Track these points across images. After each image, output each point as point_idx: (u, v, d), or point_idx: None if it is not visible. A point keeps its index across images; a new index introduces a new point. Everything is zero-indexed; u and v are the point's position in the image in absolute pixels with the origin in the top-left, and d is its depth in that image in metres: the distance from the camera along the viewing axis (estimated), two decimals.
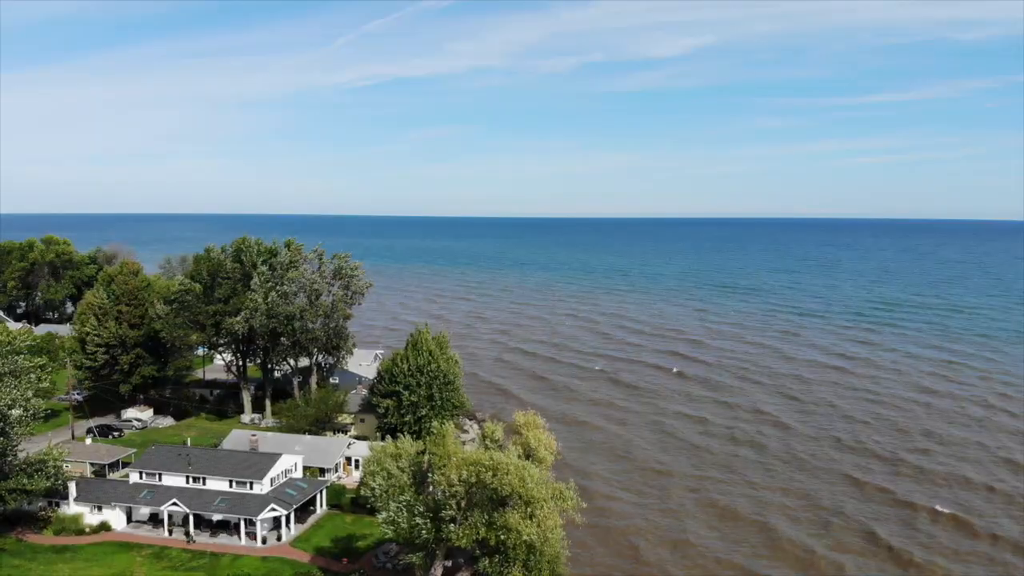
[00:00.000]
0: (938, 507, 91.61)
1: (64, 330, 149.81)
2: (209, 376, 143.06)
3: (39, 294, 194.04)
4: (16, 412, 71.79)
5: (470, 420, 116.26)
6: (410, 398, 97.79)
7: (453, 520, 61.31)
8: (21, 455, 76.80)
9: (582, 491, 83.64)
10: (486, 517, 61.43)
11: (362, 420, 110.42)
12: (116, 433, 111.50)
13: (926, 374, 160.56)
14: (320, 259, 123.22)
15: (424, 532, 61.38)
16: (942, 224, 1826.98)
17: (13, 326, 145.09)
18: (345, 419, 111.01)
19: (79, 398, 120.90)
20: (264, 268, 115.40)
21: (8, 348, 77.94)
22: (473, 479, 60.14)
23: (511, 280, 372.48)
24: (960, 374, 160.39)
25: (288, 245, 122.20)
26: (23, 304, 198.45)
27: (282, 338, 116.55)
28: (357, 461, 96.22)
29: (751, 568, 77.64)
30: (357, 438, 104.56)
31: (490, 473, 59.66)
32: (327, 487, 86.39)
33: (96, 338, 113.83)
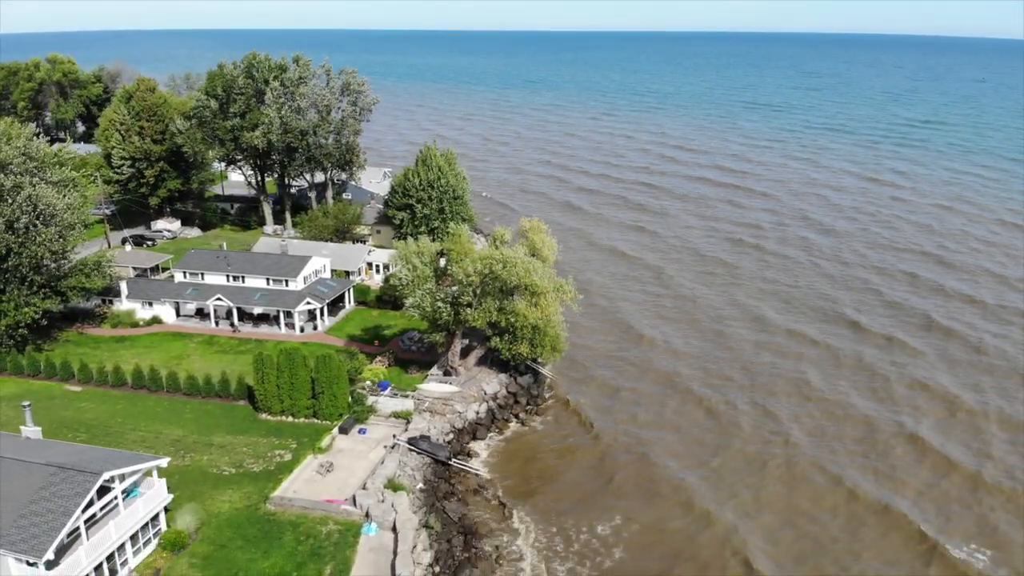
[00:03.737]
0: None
1: (78, 148, 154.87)
2: (227, 192, 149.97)
3: (49, 114, 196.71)
4: (71, 217, 79.21)
5: (476, 234, 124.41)
6: (423, 211, 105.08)
7: (469, 305, 70.62)
8: (76, 258, 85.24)
9: (582, 285, 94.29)
10: (497, 304, 70.82)
11: (378, 231, 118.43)
12: (149, 243, 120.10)
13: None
14: (328, 75, 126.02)
15: (444, 315, 70.97)
16: (960, 41, 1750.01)
17: None
18: (362, 230, 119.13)
19: (108, 212, 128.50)
20: (276, 84, 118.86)
21: (55, 159, 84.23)
22: (486, 271, 68.77)
23: (520, 99, 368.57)
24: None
25: (297, 61, 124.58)
26: (34, 125, 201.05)
27: (297, 153, 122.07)
28: (378, 266, 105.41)
29: (743, 337, 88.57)
30: (375, 247, 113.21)
31: (500, 265, 68.21)
32: (354, 286, 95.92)
33: (121, 152, 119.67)
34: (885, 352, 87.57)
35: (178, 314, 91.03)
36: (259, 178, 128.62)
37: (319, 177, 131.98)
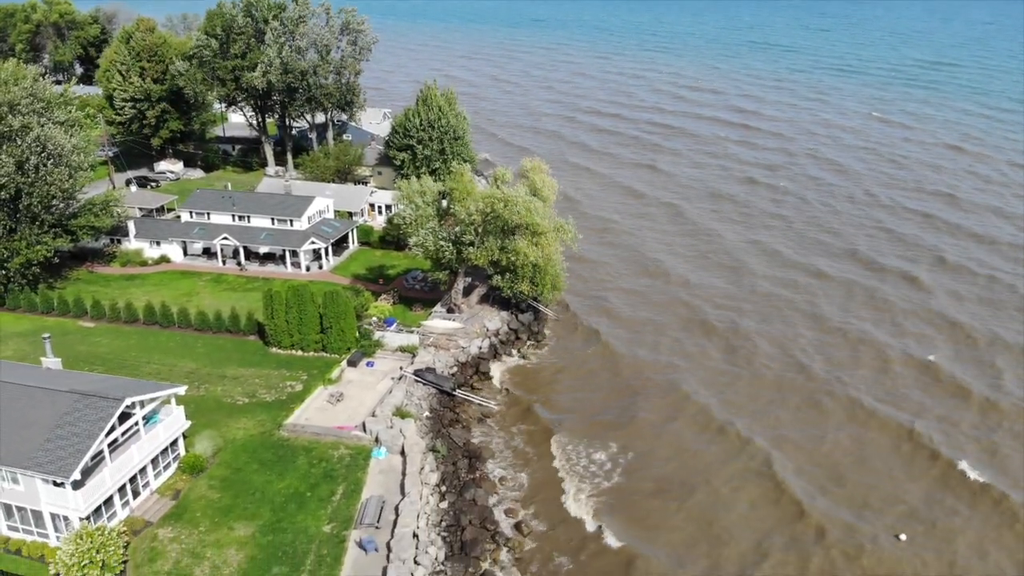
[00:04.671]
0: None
1: (78, 90, 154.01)
2: (228, 134, 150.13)
3: (47, 56, 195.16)
4: (78, 158, 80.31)
5: (477, 176, 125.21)
6: (423, 152, 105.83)
7: (471, 244, 72.26)
8: (84, 198, 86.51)
9: (597, 223, 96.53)
10: (499, 243, 72.41)
11: (379, 173, 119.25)
12: (153, 184, 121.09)
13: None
14: (328, 14, 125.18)
15: (447, 253, 72.69)
16: None
17: None
18: (364, 172, 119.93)
19: (111, 154, 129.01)
20: (275, 23, 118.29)
21: (61, 99, 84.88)
22: (488, 210, 70.22)
23: (526, 39, 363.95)
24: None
25: None
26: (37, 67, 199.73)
27: (297, 93, 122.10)
28: (380, 207, 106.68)
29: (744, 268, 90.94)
30: (377, 188, 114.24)
31: (502, 204, 69.59)
32: (357, 227, 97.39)
33: (123, 93, 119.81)
34: (897, 287, 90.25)
35: (185, 253, 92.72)
36: (260, 119, 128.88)
37: (320, 118, 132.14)
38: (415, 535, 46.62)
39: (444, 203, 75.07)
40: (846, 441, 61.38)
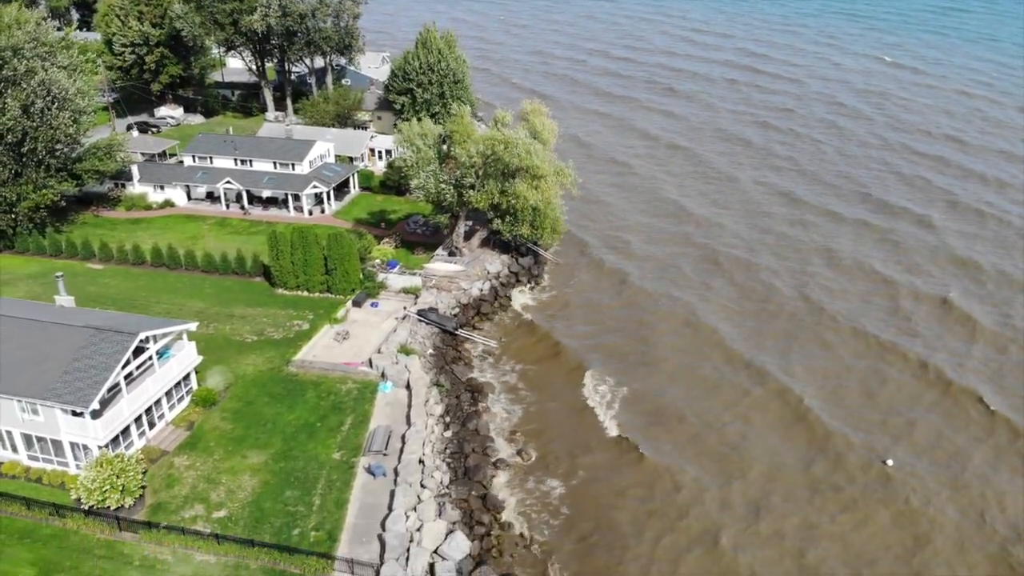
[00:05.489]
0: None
1: (77, 36, 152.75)
2: (227, 79, 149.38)
3: (43, 3, 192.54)
4: (82, 102, 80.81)
5: (477, 121, 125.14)
6: (423, 95, 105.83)
7: (472, 187, 73.30)
8: (88, 142, 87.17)
9: (610, 166, 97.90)
10: (499, 186, 73.40)
11: (379, 117, 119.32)
12: (154, 129, 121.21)
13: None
14: None
15: (448, 196, 73.77)
16: None
17: None
18: (363, 116, 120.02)
19: (112, 99, 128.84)
20: None
21: (63, 43, 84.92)
22: (488, 152, 71.02)
23: None
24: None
25: None
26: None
27: (296, 37, 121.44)
28: (380, 152, 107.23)
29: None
30: (377, 133, 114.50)
31: (502, 146, 70.35)
32: (357, 171, 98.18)
33: (122, 38, 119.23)
34: (910, 227, 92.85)
35: (189, 197, 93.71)
36: (259, 64, 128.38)
37: (319, 63, 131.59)
38: (421, 461, 48.87)
39: (444, 147, 75.83)
40: (863, 370, 64.59)
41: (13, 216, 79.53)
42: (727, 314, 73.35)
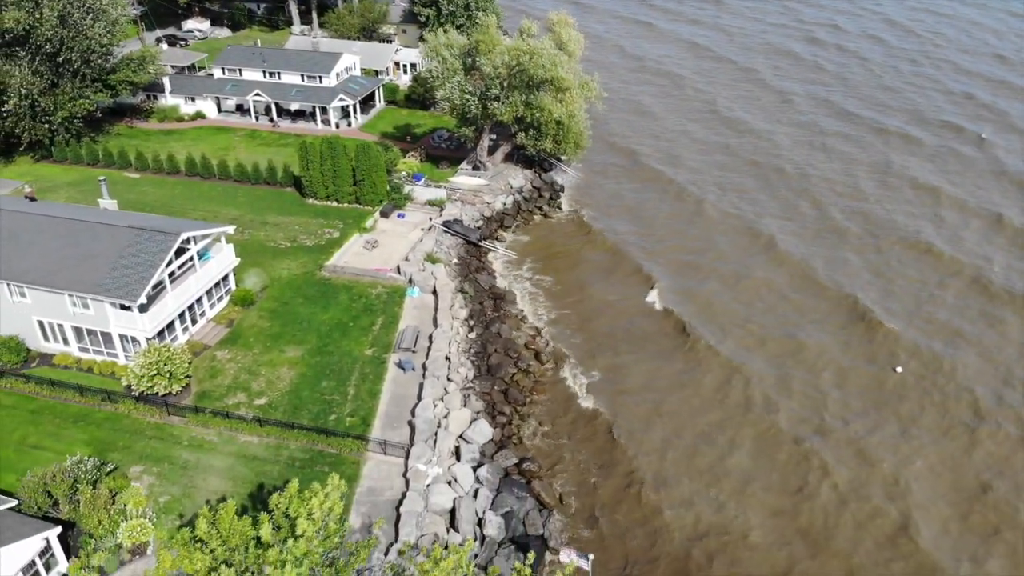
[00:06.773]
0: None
1: None
2: None
3: None
4: (115, 11, 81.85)
5: (504, 35, 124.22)
6: (448, 6, 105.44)
7: (496, 99, 74.20)
8: (120, 53, 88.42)
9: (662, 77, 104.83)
10: (523, 98, 74.21)
11: (404, 31, 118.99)
12: (182, 43, 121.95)
13: None
14: None
15: (473, 108, 74.82)
16: None
17: None
18: (388, 29, 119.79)
19: (139, 12, 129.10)
20: None
21: None
22: (514, 63, 71.57)
23: None
24: None
25: None
26: None
27: None
28: (405, 66, 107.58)
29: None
30: (401, 47, 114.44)
31: (528, 57, 70.78)
32: (383, 85, 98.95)
33: None
34: (961, 145, 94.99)
35: (219, 109, 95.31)
36: None
37: None
38: (447, 358, 51.86)
39: (470, 59, 76.36)
40: (912, 273, 68.11)
41: (49, 125, 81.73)
42: (778, 220, 76.89)
